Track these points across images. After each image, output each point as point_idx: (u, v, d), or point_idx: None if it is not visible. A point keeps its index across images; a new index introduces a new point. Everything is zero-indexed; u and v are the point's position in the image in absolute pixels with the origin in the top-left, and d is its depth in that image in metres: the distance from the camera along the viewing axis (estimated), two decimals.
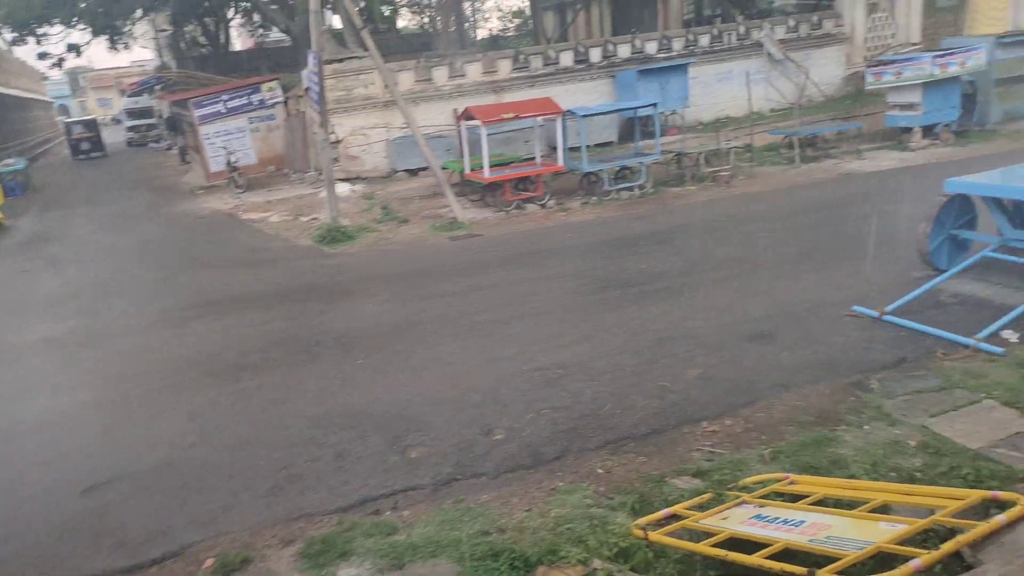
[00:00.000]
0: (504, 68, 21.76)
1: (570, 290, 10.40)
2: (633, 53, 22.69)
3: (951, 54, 18.73)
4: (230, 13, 37.70)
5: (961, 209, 9.43)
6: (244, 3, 34.35)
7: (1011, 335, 7.27)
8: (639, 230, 13.47)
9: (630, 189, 16.68)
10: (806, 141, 18.62)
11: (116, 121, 58.43)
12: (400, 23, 44.42)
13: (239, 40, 47.61)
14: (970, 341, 7.11)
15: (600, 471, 5.60)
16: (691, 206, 15.20)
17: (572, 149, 17.53)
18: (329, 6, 26.98)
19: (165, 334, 10.12)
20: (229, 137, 22.57)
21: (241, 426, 7.03)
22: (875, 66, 20.13)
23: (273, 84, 23.47)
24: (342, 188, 18.27)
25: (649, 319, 8.77)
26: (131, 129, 42.49)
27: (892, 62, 19.67)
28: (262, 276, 12.88)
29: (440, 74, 21.16)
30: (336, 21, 28.76)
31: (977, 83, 19.63)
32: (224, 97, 22.82)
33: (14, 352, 10.07)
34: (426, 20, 41.49)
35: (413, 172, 20.22)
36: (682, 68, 21.83)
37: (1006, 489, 4.24)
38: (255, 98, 23.04)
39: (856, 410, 6.08)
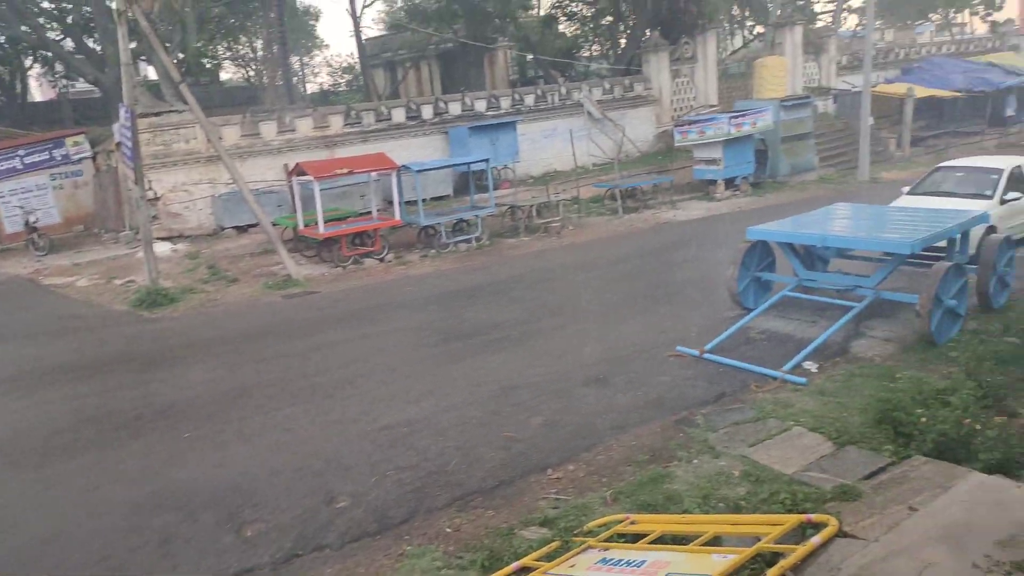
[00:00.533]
0: (336, 123, 21.60)
1: (414, 344, 10.34)
2: (464, 110, 23.39)
3: (744, 115, 21.06)
4: (28, 62, 34.62)
5: (762, 254, 10.51)
6: (45, 53, 31.64)
7: (811, 366, 8.13)
8: (478, 281, 13.72)
9: (467, 241, 17.00)
10: (627, 193, 20.01)
11: None
12: (224, 76, 42.94)
13: (39, 90, 43.72)
14: (777, 374, 7.86)
15: (449, 530, 5.55)
16: (526, 256, 15.74)
17: (408, 203, 17.66)
18: (143, 58, 25.63)
19: None
20: (27, 195, 20.46)
21: (50, 518, 6.25)
22: (681, 125, 22.15)
23: (79, 138, 21.68)
24: (162, 248, 17.13)
25: (492, 369, 8.91)
26: None
27: (695, 122, 21.74)
28: (72, 346, 11.67)
29: (268, 129, 20.60)
30: (152, 72, 27.27)
31: (767, 140, 22.15)
32: (20, 152, 20.72)
33: None
34: (251, 74, 40.41)
35: (242, 229, 19.37)
36: (511, 125, 22.78)
37: (818, 510, 4.69)
38: (58, 152, 21.13)
39: (685, 445, 6.49)
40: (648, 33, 27.97)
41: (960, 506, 4.01)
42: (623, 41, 32.33)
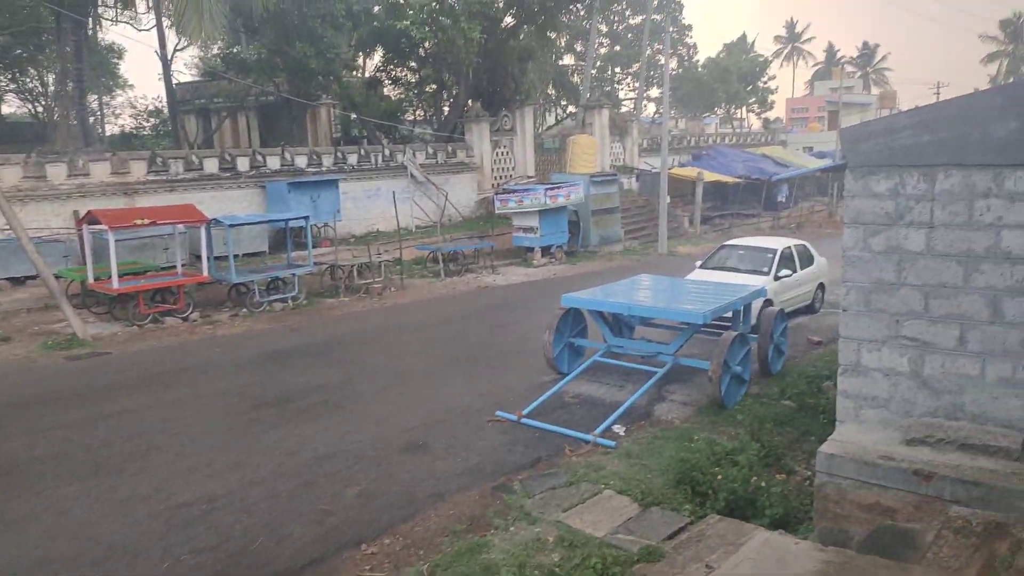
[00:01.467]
0: (138, 170, 20.07)
1: (219, 411, 9.61)
2: (283, 165, 22.72)
3: (559, 187, 22.39)
4: None
5: (575, 320, 11.07)
6: None
7: (620, 429, 8.59)
8: (294, 343, 13.16)
9: (283, 300, 16.32)
10: (449, 256, 20.34)
11: None
12: (6, 109, 38.61)
13: None
14: (589, 437, 8.21)
15: None
16: (345, 317, 15.37)
17: (219, 258, 16.68)
18: None
19: None
20: None
21: None
22: (501, 194, 23.07)
23: None
24: None
25: (307, 437, 8.49)
26: None
27: (514, 191, 22.76)
28: None
29: (57, 171, 18.68)
30: None
31: (579, 212, 23.64)
32: None
33: None
34: (40, 109, 36.66)
35: (18, 281, 17.20)
36: (333, 183, 22.44)
37: (625, 571, 4.89)
38: None
39: (502, 513, 6.54)
40: (470, 103, 29.07)
41: (748, 563, 4.37)
42: (446, 108, 33.33)
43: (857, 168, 5.95)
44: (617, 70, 49.00)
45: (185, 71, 39.34)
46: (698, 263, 14.55)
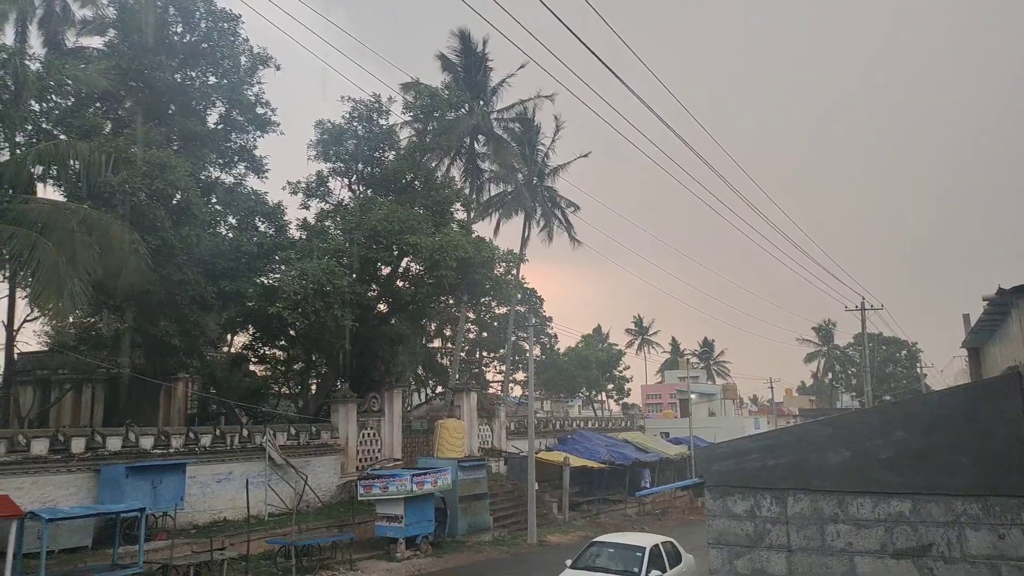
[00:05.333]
0: None
1: None
2: (125, 446, 20.91)
3: (426, 473, 21.80)
4: None
5: None
6: None
7: None
8: None
9: None
10: (303, 551, 18.62)
11: None
12: None
13: None
14: None
15: None
16: None
17: (28, 556, 14.40)
18: None
19: None
20: None
21: None
22: (366, 479, 22.12)
23: None
24: None
25: None
26: None
27: (379, 476, 21.91)
28: None
29: None
30: None
31: (447, 499, 22.86)
32: None
33: None
34: None
35: None
36: (180, 467, 20.72)
37: None
38: None
39: None
40: (339, 384, 28.95)
41: None
42: (313, 387, 32.94)
43: (714, 488, 6.20)
44: (484, 354, 51.28)
45: (31, 340, 37.27)
46: (568, 561, 14.09)
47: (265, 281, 29.12)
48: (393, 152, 31.77)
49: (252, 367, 33.76)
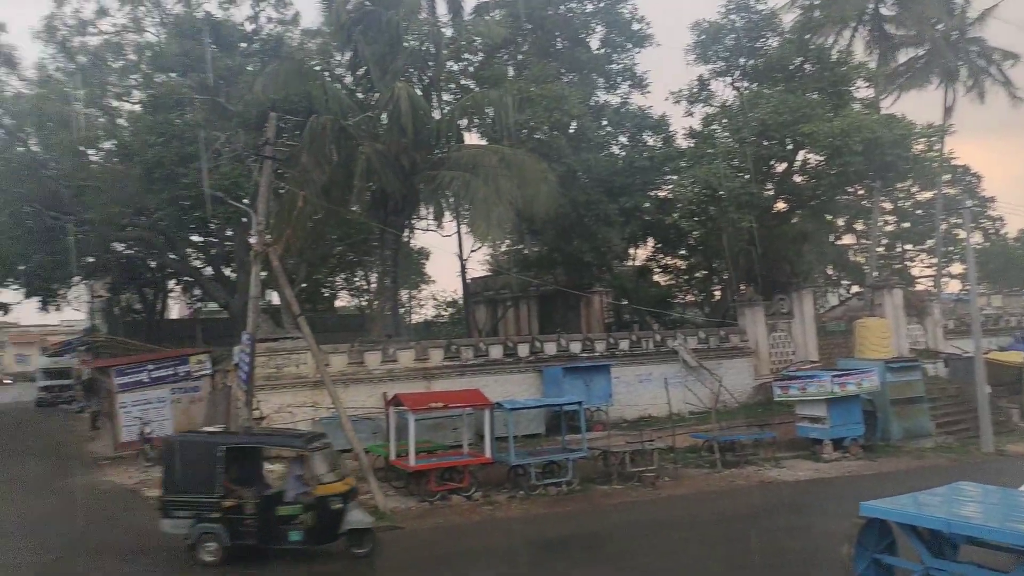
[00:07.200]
0: (436, 357, 22.48)
1: None
2: (559, 350, 23.98)
3: (848, 374, 20.50)
4: (171, 284, 38.69)
5: (881, 532, 9.57)
6: (187, 278, 35.45)
7: None
8: (569, 532, 13.06)
9: (557, 485, 16.49)
10: (726, 446, 19.24)
11: (31, 380, 56.15)
12: (338, 303, 46.34)
13: (176, 309, 48.28)
14: None
15: None
16: (620, 507, 15.02)
17: (500, 439, 17.55)
18: (270, 288, 28.15)
19: None
20: (147, 407, 21.70)
21: None
22: (781, 380, 21.74)
23: (203, 357, 23.35)
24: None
25: None
26: (44, 389, 40.71)
27: (795, 378, 21.31)
28: (157, 571, 11.56)
29: (372, 358, 21.62)
30: (276, 298, 29.71)
31: (876, 402, 21.22)
32: (149, 367, 22.41)
33: None
34: (363, 303, 43.43)
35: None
36: (605, 368, 23.01)
37: None
38: (182, 369, 22.70)
39: None
40: (743, 288, 28.67)
41: None
42: (717, 293, 33.20)
43: None
44: (907, 247, 45.50)
45: (478, 268, 44.48)
46: None
47: (659, 193, 29.96)
48: (776, 38, 29.43)
49: (656, 277, 35.32)
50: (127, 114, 29.32)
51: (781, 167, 29.03)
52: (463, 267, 33.25)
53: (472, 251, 34.75)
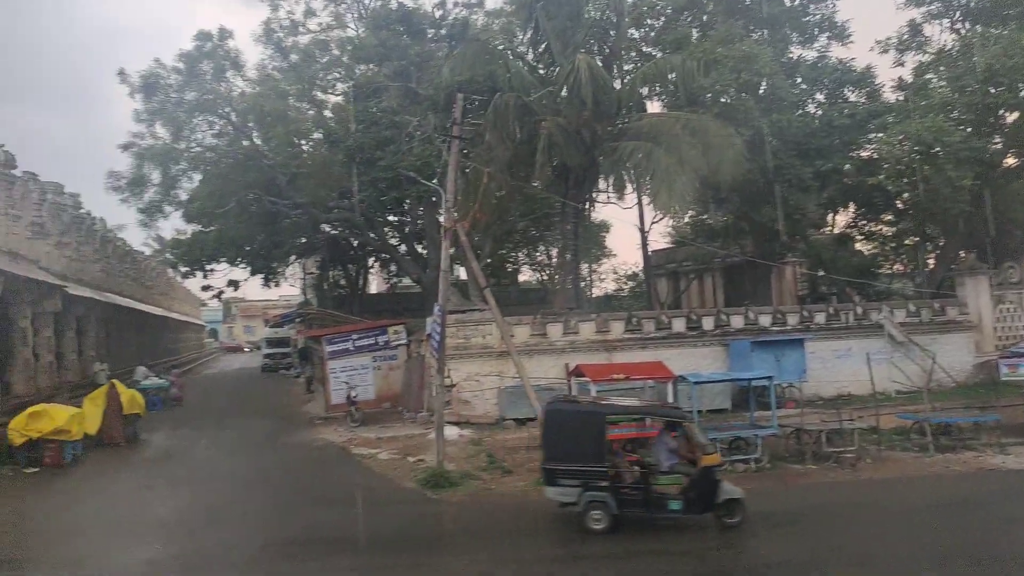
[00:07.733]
0: (616, 329, 22.45)
1: None
2: (746, 324, 22.96)
3: None
4: (371, 261, 41.90)
5: None
6: (384, 255, 38.15)
7: None
8: (761, 510, 12.50)
9: (745, 462, 15.87)
10: (939, 429, 17.45)
11: (257, 348, 63.77)
12: (521, 277, 47.71)
13: (375, 283, 52.26)
14: None
15: None
16: (816, 488, 14.18)
17: None
18: (457, 263, 29.59)
19: (258, 571, 10.00)
20: (353, 373, 23.81)
21: None
22: (1009, 357, 19.32)
23: (399, 327, 25.10)
24: (451, 432, 18.45)
25: None
26: (268, 356, 46.03)
27: None
28: (363, 519, 12.71)
29: (554, 330, 22.04)
30: (463, 272, 31.18)
31: None
32: (354, 336, 24.51)
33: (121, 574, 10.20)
34: (545, 277, 44.34)
35: (521, 422, 20.30)
36: (798, 342, 21.71)
37: None
38: (381, 339, 24.59)
39: None
40: (962, 255, 25.68)
41: None
42: (931, 262, 30.02)
43: None
44: None
45: (659, 239, 43.71)
46: None
47: (862, 154, 27.56)
48: None
49: (858, 246, 32.66)
50: (332, 105, 31.94)
51: (1012, 116, 25.51)
52: (644, 239, 32.83)
53: (653, 223, 34.19)
